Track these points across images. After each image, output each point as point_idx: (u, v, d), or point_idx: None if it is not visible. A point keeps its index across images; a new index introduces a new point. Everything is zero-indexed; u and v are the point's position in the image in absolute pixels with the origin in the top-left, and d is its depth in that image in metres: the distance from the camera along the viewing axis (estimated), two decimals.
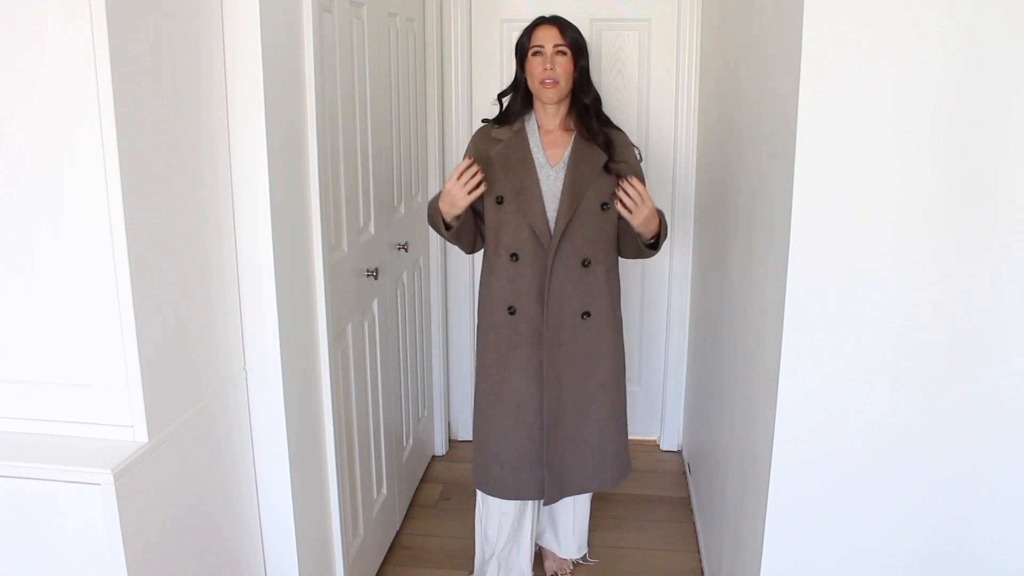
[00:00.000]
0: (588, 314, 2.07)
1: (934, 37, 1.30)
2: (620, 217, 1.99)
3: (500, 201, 2.02)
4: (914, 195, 1.36)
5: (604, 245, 2.06)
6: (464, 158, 2.11)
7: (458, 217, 2.00)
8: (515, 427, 2.10)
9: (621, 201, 1.91)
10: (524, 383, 2.08)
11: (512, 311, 2.06)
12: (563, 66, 1.98)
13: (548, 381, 2.07)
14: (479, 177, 1.92)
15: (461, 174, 1.91)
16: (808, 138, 1.37)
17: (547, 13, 2.08)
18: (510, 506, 2.25)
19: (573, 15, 2.17)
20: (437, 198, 2.01)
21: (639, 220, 1.93)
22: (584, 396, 2.11)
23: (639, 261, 3.06)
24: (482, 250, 2.16)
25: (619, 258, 2.14)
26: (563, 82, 1.99)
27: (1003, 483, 1.46)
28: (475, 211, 2.08)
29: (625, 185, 1.90)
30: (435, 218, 2.03)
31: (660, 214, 1.99)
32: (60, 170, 1.29)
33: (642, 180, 2.10)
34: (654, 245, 2.04)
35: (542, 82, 1.98)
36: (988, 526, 1.49)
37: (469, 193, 1.92)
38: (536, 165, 2.02)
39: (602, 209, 2.02)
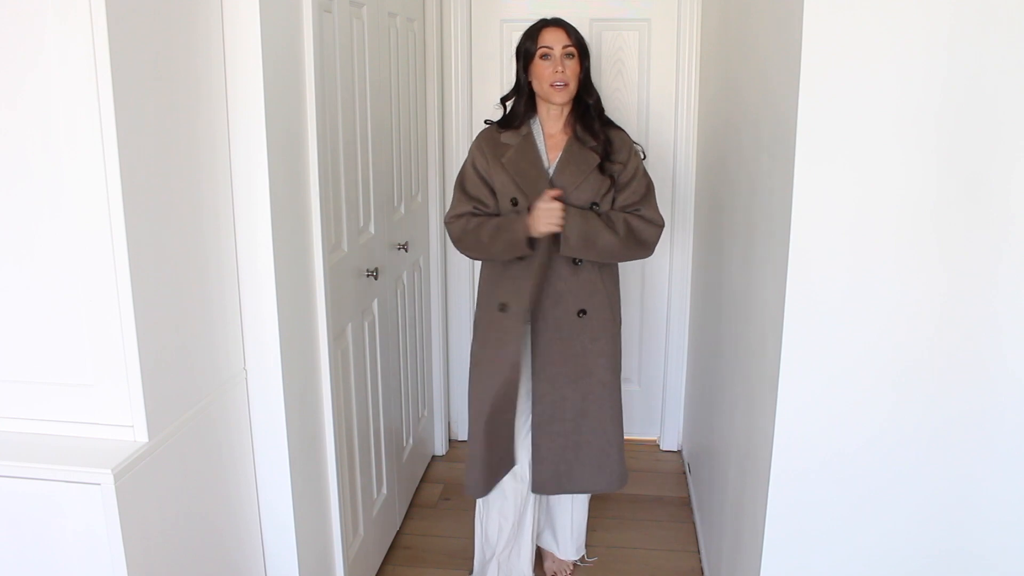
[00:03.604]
0: (584, 312, 2.08)
1: (938, 37, 1.30)
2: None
3: (515, 203, 2.04)
4: (916, 196, 1.36)
5: None
6: (468, 159, 2.12)
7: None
8: (505, 423, 2.11)
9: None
10: (514, 379, 2.09)
11: (503, 308, 2.07)
12: (571, 68, 2.00)
13: (538, 378, 2.09)
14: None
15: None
16: (808, 139, 1.37)
17: (547, 14, 2.08)
18: (510, 507, 2.24)
19: (573, 15, 2.17)
20: (507, 224, 2.00)
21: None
22: (585, 395, 2.12)
23: (638, 260, 3.05)
24: None
25: None
26: (572, 84, 2.00)
27: (1005, 488, 1.46)
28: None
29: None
30: (515, 235, 1.99)
31: (579, 218, 1.98)
32: (60, 170, 1.29)
33: (646, 177, 2.10)
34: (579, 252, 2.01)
35: (552, 84, 1.98)
36: (989, 530, 1.48)
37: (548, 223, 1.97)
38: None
39: (591, 209, 2.03)
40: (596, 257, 2.04)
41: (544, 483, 2.17)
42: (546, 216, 1.96)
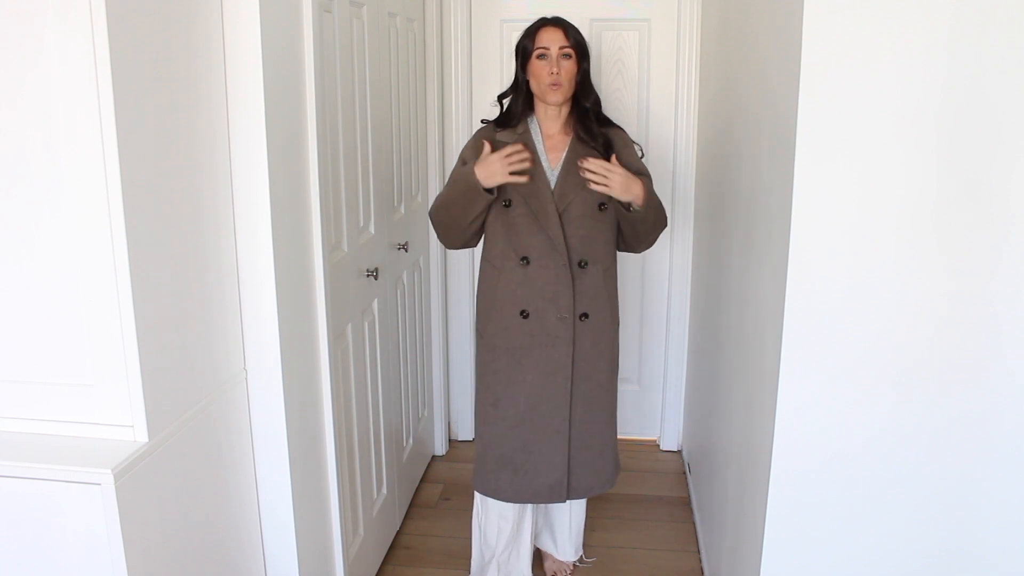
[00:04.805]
0: (586, 315, 2.07)
1: (938, 37, 1.30)
2: (617, 215, 2.00)
3: (508, 204, 2.01)
4: (916, 196, 1.36)
5: (600, 246, 2.06)
6: (460, 156, 2.11)
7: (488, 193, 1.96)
8: (531, 428, 2.10)
9: (591, 181, 1.89)
10: (541, 385, 2.07)
11: (525, 314, 2.05)
12: (568, 69, 1.98)
13: (568, 381, 2.08)
14: (526, 165, 1.91)
15: (509, 154, 1.89)
16: (808, 139, 1.37)
17: (547, 14, 2.07)
18: (510, 509, 2.24)
19: (573, 15, 2.17)
20: (463, 175, 1.96)
21: (617, 188, 1.90)
22: (586, 399, 2.11)
23: (638, 259, 3.06)
24: (481, 253, 2.15)
25: (616, 258, 2.14)
26: (568, 85, 1.99)
27: (1005, 488, 1.46)
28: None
29: (585, 164, 1.90)
30: (471, 188, 1.93)
31: (645, 180, 1.96)
32: (60, 170, 1.29)
33: (648, 176, 2.09)
34: (645, 217, 1.98)
35: (548, 85, 1.98)
36: (989, 530, 1.48)
37: (509, 173, 1.90)
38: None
39: (599, 210, 2.02)
40: (648, 223, 2.01)
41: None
42: (500, 167, 1.89)
